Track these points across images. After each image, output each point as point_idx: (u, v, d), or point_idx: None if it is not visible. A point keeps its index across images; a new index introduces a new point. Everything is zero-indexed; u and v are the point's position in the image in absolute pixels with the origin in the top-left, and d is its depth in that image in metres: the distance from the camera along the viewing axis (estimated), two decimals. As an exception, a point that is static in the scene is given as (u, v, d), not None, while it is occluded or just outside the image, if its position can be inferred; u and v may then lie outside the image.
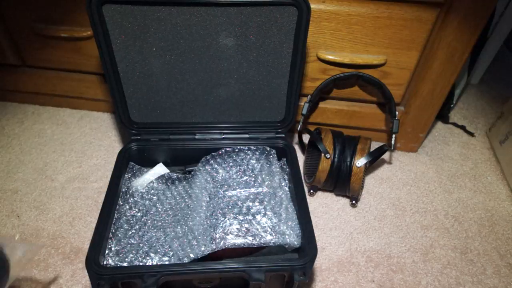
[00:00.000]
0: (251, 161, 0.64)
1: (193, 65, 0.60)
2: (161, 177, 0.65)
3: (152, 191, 0.64)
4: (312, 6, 0.55)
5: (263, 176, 0.63)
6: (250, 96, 0.64)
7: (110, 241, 0.54)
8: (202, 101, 0.64)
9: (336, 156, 0.67)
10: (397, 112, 0.71)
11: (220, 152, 0.65)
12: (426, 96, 0.74)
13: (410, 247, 0.67)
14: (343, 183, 0.69)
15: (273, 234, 0.53)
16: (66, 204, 0.70)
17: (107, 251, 0.53)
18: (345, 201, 0.74)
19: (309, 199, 0.69)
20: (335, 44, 0.68)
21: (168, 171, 0.66)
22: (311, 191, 0.73)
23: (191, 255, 0.52)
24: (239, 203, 0.58)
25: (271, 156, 0.65)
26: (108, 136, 0.82)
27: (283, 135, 0.68)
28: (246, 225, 0.54)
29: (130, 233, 0.57)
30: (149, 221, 0.60)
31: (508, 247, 0.68)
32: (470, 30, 0.63)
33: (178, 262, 0.53)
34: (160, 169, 0.67)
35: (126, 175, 0.63)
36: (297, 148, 0.82)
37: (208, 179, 0.62)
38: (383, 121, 0.80)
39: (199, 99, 0.64)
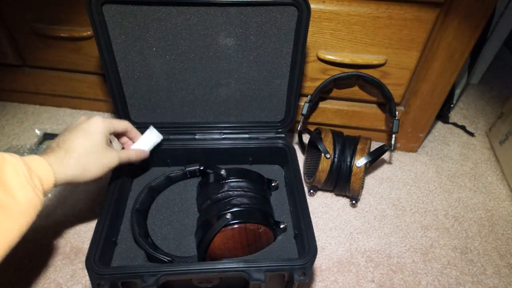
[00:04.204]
0: None
1: (193, 65, 0.60)
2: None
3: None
4: (312, 6, 0.55)
5: None
6: (250, 96, 0.64)
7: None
8: (202, 101, 0.64)
9: (336, 156, 0.67)
10: (397, 112, 0.71)
11: None
12: (426, 96, 0.74)
13: (410, 247, 0.67)
14: (343, 183, 0.69)
15: None
16: (66, 204, 0.70)
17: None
18: (345, 201, 0.74)
19: (309, 199, 0.69)
20: (335, 44, 0.68)
21: (161, 137, 0.63)
22: (311, 191, 0.73)
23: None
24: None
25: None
26: (108, 136, 0.82)
27: (283, 135, 0.68)
28: None
29: None
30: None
31: (508, 247, 0.68)
32: (470, 30, 0.63)
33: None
34: (153, 135, 0.62)
35: None
36: (297, 148, 0.82)
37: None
38: (383, 121, 0.80)
39: (199, 99, 0.64)
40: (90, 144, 0.48)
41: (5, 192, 0.36)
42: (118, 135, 0.59)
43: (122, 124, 0.57)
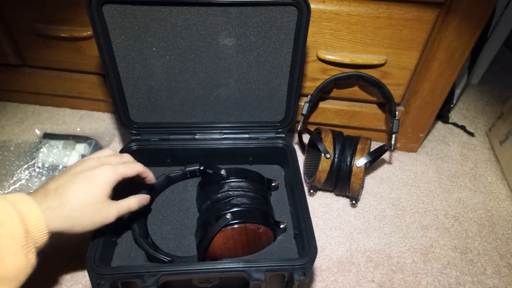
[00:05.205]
0: None
1: (193, 65, 0.60)
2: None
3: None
4: (312, 6, 0.55)
5: None
6: (250, 96, 0.64)
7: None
8: (202, 101, 0.64)
9: (336, 156, 0.67)
10: (397, 112, 0.71)
11: None
12: (426, 96, 0.74)
13: (410, 247, 0.67)
14: (343, 183, 0.69)
15: None
16: (66, 204, 0.70)
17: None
18: (345, 201, 0.74)
19: (309, 199, 0.69)
20: (335, 44, 0.68)
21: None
22: (311, 191, 0.73)
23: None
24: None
25: None
26: (108, 136, 0.82)
27: (283, 135, 0.68)
28: None
29: None
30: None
31: (508, 247, 0.68)
32: (470, 30, 0.63)
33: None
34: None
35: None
36: (297, 148, 0.82)
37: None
38: (383, 121, 0.80)
39: (199, 99, 0.64)
40: (89, 198, 0.44)
41: None
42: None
43: (135, 170, 0.50)
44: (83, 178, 0.44)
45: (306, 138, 0.82)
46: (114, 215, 0.47)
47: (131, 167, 0.50)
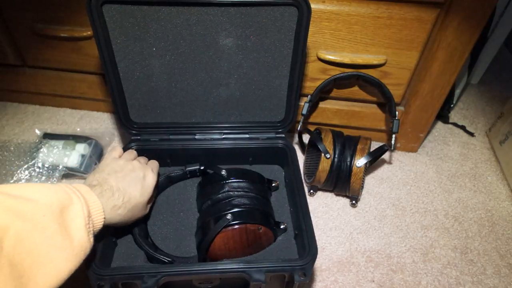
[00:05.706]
0: None
1: (193, 65, 0.60)
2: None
3: None
4: (312, 6, 0.55)
5: None
6: (250, 96, 0.64)
7: None
8: (202, 101, 0.64)
9: (336, 156, 0.67)
10: (397, 112, 0.71)
11: None
12: (426, 96, 0.74)
13: (410, 247, 0.67)
14: (343, 183, 0.69)
15: None
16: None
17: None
18: (345, 201, 0.74)
19: (309, 199, 0.69)
20: (335, 44, 0.68)
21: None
22: (311, 191, 0.73)
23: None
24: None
25: None
26: (108, 136, 0.82)
27: (283, 135, 0.68)
28: None
29: None
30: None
31: (508, 247, 0.68)
32: (470, 30, 0.63)
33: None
34: None
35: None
36: (297, 148, 0.82)
37: None
38: (383, 121, 0.80)
39: (199, 99, 0.64)
40: (141, 201, 0.51)
41: (66, 234, 0.38)
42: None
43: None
44: (138, 182, 0.52)
45: (306, 138, 0.82)
46: (147, 212, 0.55)
47: (157, 169, 0.59)
